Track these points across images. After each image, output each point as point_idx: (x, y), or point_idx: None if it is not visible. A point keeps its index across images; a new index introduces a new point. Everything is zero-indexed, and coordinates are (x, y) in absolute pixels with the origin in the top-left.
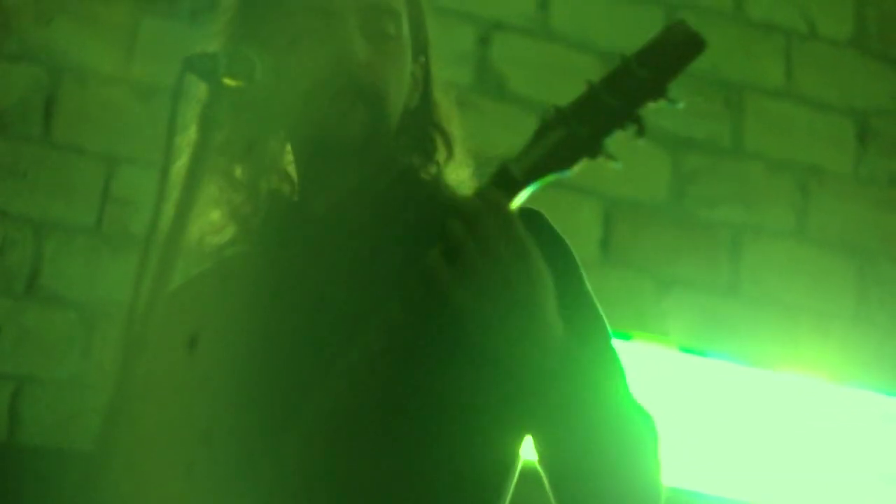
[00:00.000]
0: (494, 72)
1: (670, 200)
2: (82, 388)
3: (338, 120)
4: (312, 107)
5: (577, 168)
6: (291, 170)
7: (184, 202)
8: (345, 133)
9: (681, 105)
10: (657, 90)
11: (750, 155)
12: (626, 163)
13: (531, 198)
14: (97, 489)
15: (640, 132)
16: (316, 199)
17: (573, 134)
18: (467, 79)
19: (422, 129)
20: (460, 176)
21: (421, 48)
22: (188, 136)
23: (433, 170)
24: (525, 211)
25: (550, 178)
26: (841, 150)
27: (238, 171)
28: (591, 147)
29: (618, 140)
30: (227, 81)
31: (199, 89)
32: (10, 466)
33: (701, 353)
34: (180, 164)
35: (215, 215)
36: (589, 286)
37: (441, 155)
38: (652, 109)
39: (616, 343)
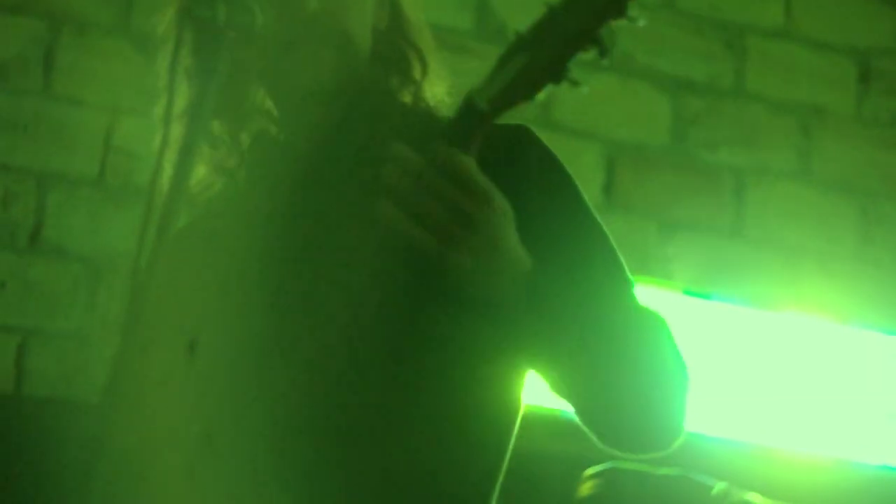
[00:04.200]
0: (495, 17)
1: (672, 143)
2: (87, 340)
3: (305, 69)
4: (279, 59)
5: (542, 94)
6: (273, 109)
7: (185, 153)
8: (315, 81)
9: (641, 22)
10: (616, 9)
11: (751, 96)
12: (626, 106)
13: None
14: (104, 442)
15: (603, 53)
16: (300, 137)
17: (535, 60)
18: (468, 24)
19: (395, 49)
20: (437, 91)
21: None
22: (186, 87)
23: (411, 90)
24: (511, 128)
25: (517, 105)
26: (842, 91)
27: (216, 127)
28: (554, 72)
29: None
30: (227, 30)
31: (198, 38)
32: (16, 418)
33: (705, 296)
34: (179, 114)
35: (201, 171)
36: (585, 197)
37: (417, 72)
38: (614, 29)
39: (619, 252)
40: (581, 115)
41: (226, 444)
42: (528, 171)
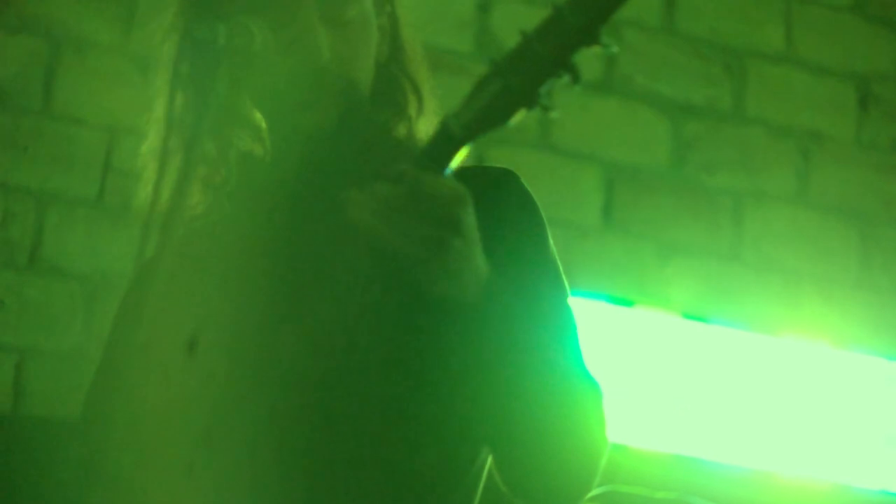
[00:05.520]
0: (494, 39)
1: (671, 167)
2: (85, 360)
3: (310, 112)
4: (283, 98)
5: (516, 120)
6: (263, 130)
7: (183, 174)
8: (318, 123)
9: (614, 49)
10: (589, 36)
11: (751, 120)
12: (626, 128)
13: (526, 162)
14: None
15: (575, 80)
16: (289, 160)
17: (508, 86)
18: (467, 46)
19: (393, 83)
20: (431, 129)
21: None
22: (183, 107)
23: (406, 125)
24: (497, 171)
25: (490, 131)
26: (842, 115)
27: (207, 141)
28: (527, 98)
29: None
30: (227, 52)
31: (197, 58)
32: (14, 437)
33: (703, 320)
34: (177, 135)
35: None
36: (553, 248)
37: (412, 108)
38: (587, 55)
39: (574, 306)
40: (580, 137)
41: (225, 443)
42: (505, 213)
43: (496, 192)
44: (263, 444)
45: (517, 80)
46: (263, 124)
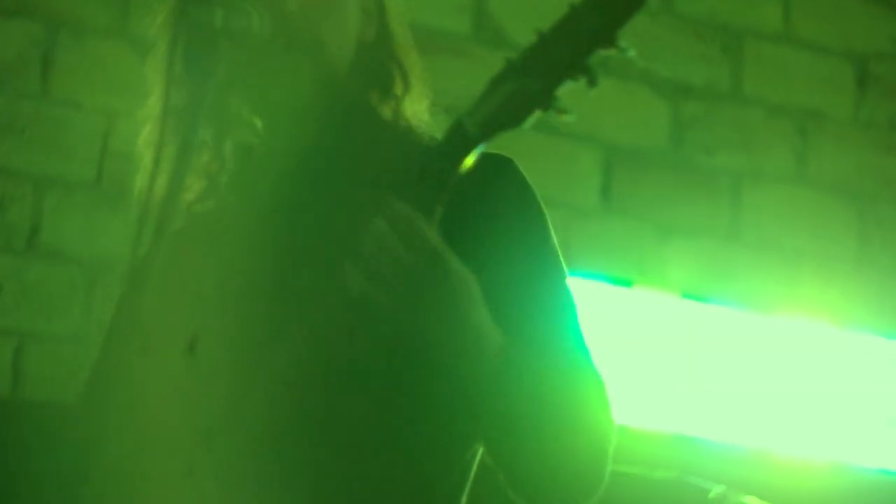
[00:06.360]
0: (493, 21)
1: (670, 147)
2: (84, 343)
3: (282, 74)
4: (257, 61)
5: (531, 121)
6: (258, 121)
7: (181, 156)
8: (291, 87)
9: (631, 53)
10: (606, 39)
11: (749, 100)
12: (624, 109)
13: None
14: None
15: (592, 82)
16: (281, 150)
17: (524, 87)
18: (465, 28)
19: (378, 64)
20: (418, 109)
21: None
22: (181, 92)
23: (392, 105)
24: (495, 158)
25: (505, 131)
26: (840, 94)
27: (202, 132)
28: (543, 100)
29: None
30: (225, 34)
31: (193, 41)
32: (13, 421)
33: (702, 299)
34: (173, 121)
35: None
36: (553, 237)
37: (398, 88)
38: (602, 56)
39: (573, 291)
40: (579, 118)
41: (226, 444)
42: (505, 199)
43: (494, 181)
44: (264, 444)
45: (533, 81)
46: (258, 115)
